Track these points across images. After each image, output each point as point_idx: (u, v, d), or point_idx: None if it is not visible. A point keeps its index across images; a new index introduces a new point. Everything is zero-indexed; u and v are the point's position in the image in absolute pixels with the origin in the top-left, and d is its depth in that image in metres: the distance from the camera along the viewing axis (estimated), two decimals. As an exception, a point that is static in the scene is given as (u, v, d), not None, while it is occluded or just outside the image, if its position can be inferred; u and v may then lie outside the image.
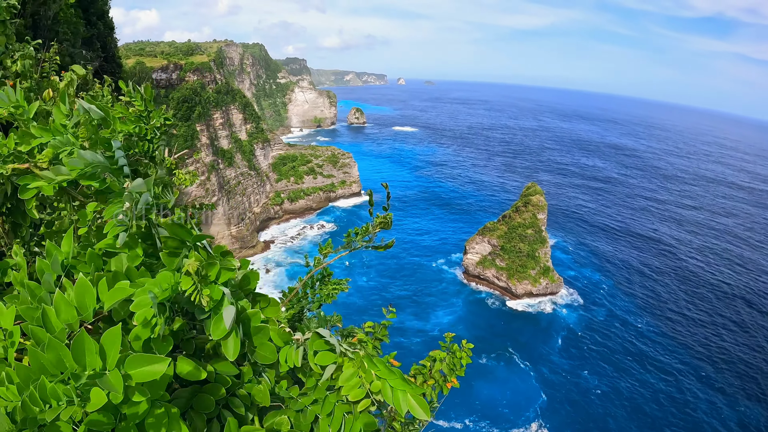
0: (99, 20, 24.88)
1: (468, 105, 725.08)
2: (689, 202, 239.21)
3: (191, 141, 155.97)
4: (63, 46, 16.04)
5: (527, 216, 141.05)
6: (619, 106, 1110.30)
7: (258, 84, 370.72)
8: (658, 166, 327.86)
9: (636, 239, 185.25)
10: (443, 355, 7.20)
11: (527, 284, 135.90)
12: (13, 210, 3.05)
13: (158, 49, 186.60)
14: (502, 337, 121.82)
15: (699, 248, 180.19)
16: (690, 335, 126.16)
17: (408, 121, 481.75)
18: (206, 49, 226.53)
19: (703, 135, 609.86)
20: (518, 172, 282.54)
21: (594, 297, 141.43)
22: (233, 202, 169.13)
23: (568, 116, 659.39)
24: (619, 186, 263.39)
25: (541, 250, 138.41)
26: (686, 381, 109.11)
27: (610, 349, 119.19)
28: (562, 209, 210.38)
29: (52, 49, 6.87)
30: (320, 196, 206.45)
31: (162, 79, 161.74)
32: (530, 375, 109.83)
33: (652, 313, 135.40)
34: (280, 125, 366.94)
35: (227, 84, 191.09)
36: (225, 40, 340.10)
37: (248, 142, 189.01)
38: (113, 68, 27.00)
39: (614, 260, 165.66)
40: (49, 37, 13.89)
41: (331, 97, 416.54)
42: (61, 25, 14.82)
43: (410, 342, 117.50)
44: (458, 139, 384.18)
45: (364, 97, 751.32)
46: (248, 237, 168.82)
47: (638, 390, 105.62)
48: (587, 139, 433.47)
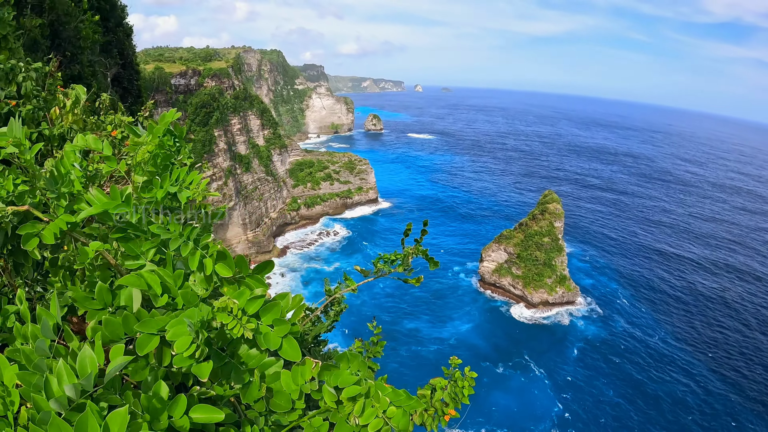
0: (117, 27, 24.99)
1: (485, 112, 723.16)
2: (709, 213, 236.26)
3: (209, 146, 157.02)
4: (84, 54, 16.12)
5: (544, 224, 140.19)
6: (637, 112, 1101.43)
7: (276, 90, 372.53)
8: (677, 175, 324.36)
9: (654, 250, 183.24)
10: (444, 383, 6.97)
11: (543, 293, 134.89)
12: (15, 250, 2.95)
13: (177, 55, 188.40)
14: (518, 345, 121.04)
15: (719, 260, 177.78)
16: (711, 349, 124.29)
17: (425, 128, 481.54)
18: (224, 55, 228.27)
19: (722, 143, 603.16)
20: (535, 179, 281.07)
21: (611, 306, 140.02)
22: (250, 207, 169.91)
23: (585, 123, 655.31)
24: (637, 196, 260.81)
25: (558, 259, 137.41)
26: (705, 394, 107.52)
27: (627, 360, 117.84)
28: (579, 217, 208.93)
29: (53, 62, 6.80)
30: (337, 202, 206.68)
31: (180, 84, 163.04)
32: (546, 384, 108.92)
33: (670, 324, 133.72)
34: (297, 131, 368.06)
35: (245, 90, 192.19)
36: (243, 46, 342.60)
37: (265, 148, 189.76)
38: (131, 74, 27.11)
39: (632, 270, 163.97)
40: (70, 48, 13.95)
41: (349, 104, 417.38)
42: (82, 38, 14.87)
43: (427, 350, 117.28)
44: (475, 147, 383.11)
45: (381, 104, 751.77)
46: (264, 242, 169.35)
47: (654, 401, 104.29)
48: (605, 147, 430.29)
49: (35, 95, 5.46)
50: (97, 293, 2.66)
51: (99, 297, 2.66)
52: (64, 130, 5.31)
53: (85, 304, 2.64)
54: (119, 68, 26.11)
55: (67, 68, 13.93)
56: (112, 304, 2.68)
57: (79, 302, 2.64)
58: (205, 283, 2.74)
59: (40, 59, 11.78)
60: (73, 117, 5.44)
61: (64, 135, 5.29)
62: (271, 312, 2.63)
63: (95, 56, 17.70)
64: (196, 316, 2.46)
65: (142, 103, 28.86)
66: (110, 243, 3.02)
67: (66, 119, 5.41)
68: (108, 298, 2.68)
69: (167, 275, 2.67)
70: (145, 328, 2.44)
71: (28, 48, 11.24)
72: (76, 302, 2.64)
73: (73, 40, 13.91)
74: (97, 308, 2.65)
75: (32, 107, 5.34)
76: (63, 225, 2.82)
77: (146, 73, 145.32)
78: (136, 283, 2.62)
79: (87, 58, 16.03)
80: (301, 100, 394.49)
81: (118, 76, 26.50)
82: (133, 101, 27.07)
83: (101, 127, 5.85)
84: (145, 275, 2.60)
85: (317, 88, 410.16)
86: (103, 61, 19.92)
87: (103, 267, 3.04)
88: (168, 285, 2.65)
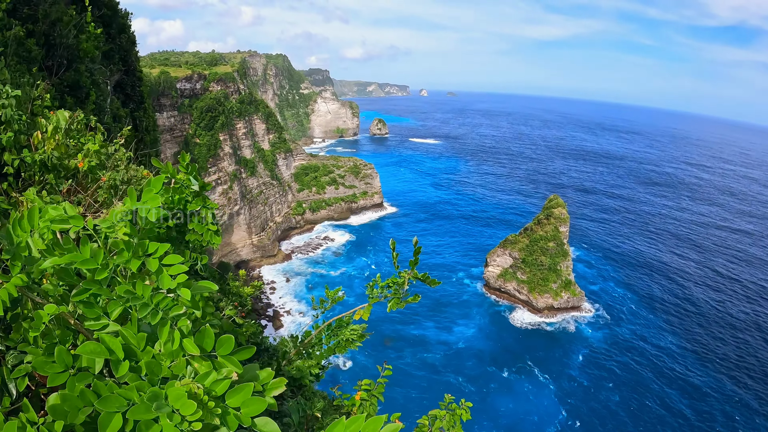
0: (120, 34, 24.88)
1: (490, 117, 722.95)
2: (717, 221, 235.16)
3: (214, 150, 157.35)
4: (83, 62, 15.96)
5: (549, 229, 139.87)
6: (643, 117, 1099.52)
7: (281, 94, 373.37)
8: (683, 180, 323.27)
9: (662, 256, 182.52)
10: (443, 413, 6.83)
11: (548, 298, 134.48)
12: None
13: (183, 59, 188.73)
14: (523, 350, 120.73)
15: (728, 267, 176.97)
16: (719, 356, 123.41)
17: (430, 132, 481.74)
18: (230, 60, 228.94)
19: (728, 146, 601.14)
20: (540, 184, 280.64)
21: (616, 312, 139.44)
22: (255, 211, 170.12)
23: (591, 128, 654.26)
24: (644, 201, 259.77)
25: (563, 264, 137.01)
26: (714, 402, 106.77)
27: (633, 366, 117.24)
28: (585, 222, 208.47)
29: (39, 87, 6.60)
30: (342, 206, 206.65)
31: (186, 88, 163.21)
32: (550, 389, 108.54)
33: (678, 331, 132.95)
34: (302, 135, 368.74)
35: (250, 94, 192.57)
36: (248, 50, 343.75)
37: (271, 152, 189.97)
38: (133, 81, 27.05)
39: (638, 275, 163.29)
40: (65, 56, 13.78)
41: (354, 108, 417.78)
42: (81, 45, 14.71)
43: (434, 357, 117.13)
44: (480, 151, 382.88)
45: (386, 108, 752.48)
46: (269, 246, 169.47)
47: (661, 410, 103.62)
48: (611, 151, 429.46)
49: (15, 119, 5.26)
50: (57, 356, 2.44)
51: (59, 359, 2.45)
52: (45, 157, 5.11)
53: (45, 368, 2.42)
54: (122, 75, 26.03)
55: (63, 76, 13.77)
56: (74, 366, 2.46)
57: (39, 367, 2.42)
58: (171, 356, 2.51)
59: (34, 68, 11.61)
60: (53, 142, 5.24)
61: (45, 161, 5.10)
62: (241, 393, 2.38)
63: (95, 64, 17.57)
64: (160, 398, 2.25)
65: (144, 109, 28.78)
66: (68, 303, 2.81)
67: (48, 144, 5.21)
68: (69, 359, 2.46)
69: (131, 336, 2.45)
70: (106, 406, 2.23)
71: (24, 59, 11.07)
72: (35, 368, 2.42)
73: (70, 48, 13.74)
74: (57, 371, 2.43)
75: (12, 134, 5.14)
76: (14, 291, 2.61)
77: (152, 78, 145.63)
78: (97, 350, 2.40)
79: (86, 66, 15.88)
80: (306, 105, 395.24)
81: (121, 82, 26.42)
82: (135, 107, 27.00)
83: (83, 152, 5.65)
84: (107, 339, 2.39)
85: (322, 92, 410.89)
86: (104, 69, 19.79)
87: (62, 326, 2.82)
88: (132, 348, 2.43)
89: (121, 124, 16.48)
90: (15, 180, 5.13)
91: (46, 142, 5.20)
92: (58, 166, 5.07)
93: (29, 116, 5.68)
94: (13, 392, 2.79)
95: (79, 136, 5.64)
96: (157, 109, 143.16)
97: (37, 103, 6.21)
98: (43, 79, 9.43)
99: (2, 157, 5.07)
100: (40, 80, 7.98)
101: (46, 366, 2.42)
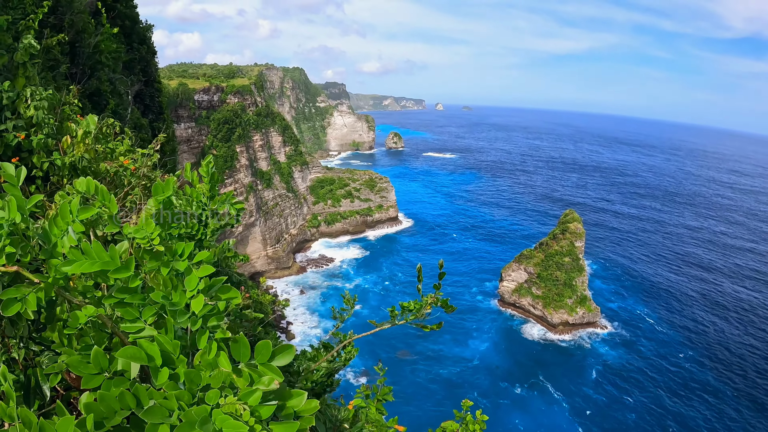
0: (141, 45, 25.15)
1: (506, 131, 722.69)
2: (741, 241, 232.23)
3: (231, 162, 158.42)
4: (104, 71, 16.10)
5: (564, 244, 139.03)
6: (659, 131, 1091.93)
7: (297, 107, 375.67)
8: (703, 195, 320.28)
9: (680, 272, 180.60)
10: (456, 426, 6.67)
11: (563, 313, 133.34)
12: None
13: (200, 71, 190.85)
14: (537, 366, 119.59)
15: (751, 290, 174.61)
16: (741, 377, 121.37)
17: (446, 146, 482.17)
18: (247, 72, 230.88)
19: (747, 159, 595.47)
20: (556, 198, 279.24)
21: (632, 328, 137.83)
22: (270, 223, 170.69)
23: (608, 142, 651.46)
24: (662, 217, 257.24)
25: (578, 279, 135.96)
26: (731, 422, 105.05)
27: (648, 383, 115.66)
28: (601, 237, 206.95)
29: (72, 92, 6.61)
30: (357, 219, 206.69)
31: (204, 100, 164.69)
32: (564, 407, 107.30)
33: (692, 347, 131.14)
34: (318, 148, 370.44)
35: (267, 107, 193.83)
36: (266, 63, 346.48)
37: (287, 165, 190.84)
38: (153, 92, 27.29)
39: (653, 291, 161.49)
40: (89, 64, 13.90)
41: (370, 122, 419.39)
42: (102, 53, 14.84)
43: (447, 372, 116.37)
44: (495, 166, 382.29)
45: (402, 122, 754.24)
46: (284, 258, 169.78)
47: (682, 429, 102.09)
48: (628, 165, 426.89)
49: (47, 123, 5.27)
50: (92, 358, 2.37)
51: (95, 362, 2.37)
52: (75, 159, 5.11)
53: (80, 368, 2.35)
54: (141, 85, 26.31)
55: (86, 84, 13.88)
56: (109, 369, 2.40)
57: (74, 367, 2.35)
58: (210, 366, 2.44)
59: (60, 77, 11.72)
60: (84, 146, 5.24)
61: (75, 164, 5.10)
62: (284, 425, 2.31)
63: (117, 74, 17.74)
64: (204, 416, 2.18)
65: (163, 119, 29.08)
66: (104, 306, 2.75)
67: (78, 148, 5.21)
68: (104, 362, 2.39)
69: (167, 342, 2.38)
70: (151, 417, 2.16)
71: (49, 67, 11.17)
72: (70, 367, 2.36)
73: (92, 56, 13.87)
74: (93, 373, 2.37)
75: (43, 136, 5.15)
76: (50, 291, 2.55)
77: (170, 89, 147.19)
78: (136, 355, 2.33)
79: (107, 75, 16.03)
80: (322, 118, 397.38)
81: (141, 93, 26.71)
82: (154, 117, 27.29)
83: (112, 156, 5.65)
84: (145, 345, 2.31)
85: (339, 106, 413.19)
86: (125, 79, 19.99)
87: (98, 328, 2.76)
88: (169, 355, 2.36)
89: (143, 134, 16.66)
90: (43, 183, 5.15)
91: (76, 146, 5.20)
92: (88, 170, 5.07)
93: (57, 120, 5.68)
94: (47, 394, 2.74)
95: (108, 141, 5.65)
96: (174, 120, 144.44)
97: (66, 108, 6.23)
98: (67, 86, 9.49)
99: (31, 159, 5.10)
100: (71, 86, 8.02)
101: (81, 366, 2.35)
